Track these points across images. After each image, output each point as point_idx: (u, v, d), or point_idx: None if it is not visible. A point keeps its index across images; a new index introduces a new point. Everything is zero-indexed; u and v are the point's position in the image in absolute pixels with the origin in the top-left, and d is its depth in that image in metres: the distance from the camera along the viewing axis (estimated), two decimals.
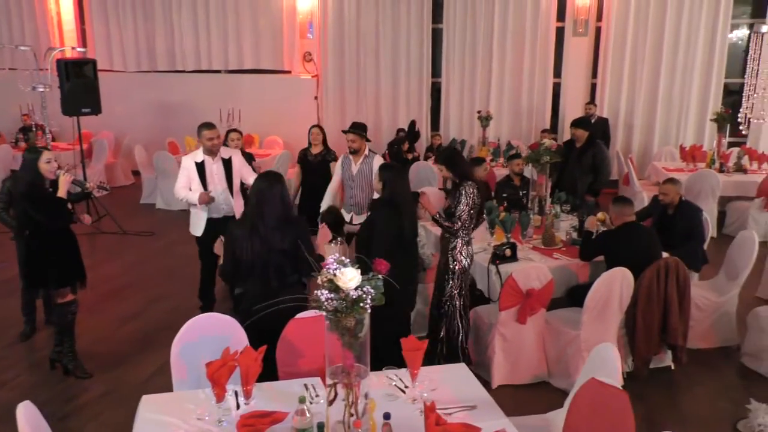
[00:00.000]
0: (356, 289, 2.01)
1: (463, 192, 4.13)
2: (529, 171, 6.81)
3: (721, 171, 8.25)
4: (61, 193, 4.11)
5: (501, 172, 7.80)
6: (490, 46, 10.64)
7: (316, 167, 6.06)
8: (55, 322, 4.48)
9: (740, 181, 7.96)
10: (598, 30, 10.41)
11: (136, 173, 10.47)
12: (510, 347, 4.28)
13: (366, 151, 5.58)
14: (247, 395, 2.61)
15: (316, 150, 6.23)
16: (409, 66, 11.03)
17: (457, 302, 4.27)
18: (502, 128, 10.84)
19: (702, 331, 4.84)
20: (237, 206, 5.24)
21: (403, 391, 2.81)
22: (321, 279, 2.03)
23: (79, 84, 7.66)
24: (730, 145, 9.45)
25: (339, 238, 4.84)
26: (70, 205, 4.27)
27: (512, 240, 4.92)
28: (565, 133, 9.76)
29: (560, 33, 10.56)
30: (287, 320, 3.19)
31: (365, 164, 5.52)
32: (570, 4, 10.37)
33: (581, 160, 6.21)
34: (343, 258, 2.06)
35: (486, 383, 4.32)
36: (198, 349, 2.99)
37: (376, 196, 4.64)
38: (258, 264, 3.31)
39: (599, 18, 10.35)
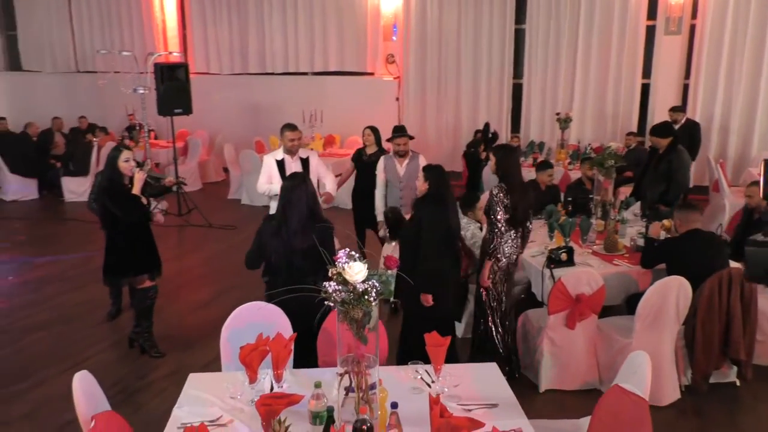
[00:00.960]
0: (363, 282, 2.12)
1: (493, 196, 4.16)
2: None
3: None
4: (135, 189, 4.49)
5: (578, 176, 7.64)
6: (575, 45, 10.38)
7: (370, 168, 6.21)
8: (135, 305, 4.90)
9: None
10: (692, 28, 9.90)
11: (227, 170, 11.10)
12: (559, 352, 4.24)
13: (411, 152, 5.73)
14: (278, 379, 2.78)
15: (370, 150, 6.37)
16: (491, 67, 10.97)
17: (489, 301, 4.28)
18: (585, 130, 10.56)
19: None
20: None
21: (429, 386, 2.89)
22: (331, 272, 2.17)
23: (173, 86, 8.24)
24: None
25: (394, 242, 5.00)
26: (145, 200, 4.65)
27: (570, 244, 4.84)
28: None
29: (650, 31, 10.14)
30: (314, 312, 3.35)
31: (412, 164, 5.64)
32: (662, 2, 9.93)
33: (657, 167, 5.95)
34: (353, 253, 2.18)
35: (534, 387, 4.32)
36: (244, 335, 3.19)
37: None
38: (282, 264, 3.50)
39: (694, 15, 9.84)
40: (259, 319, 3.33)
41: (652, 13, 10.08)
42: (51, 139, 10.58)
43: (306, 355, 3.38)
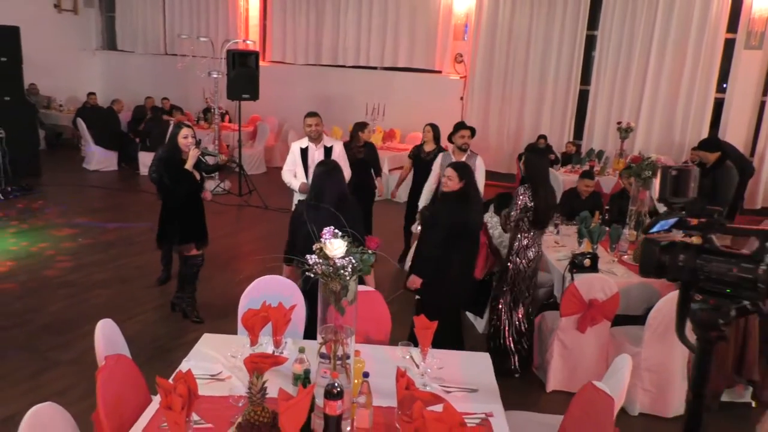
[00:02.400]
0: (342, 258, 2.34)
1: (518, 195, 4.25)
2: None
3: None
4: (188, 165, 4.88)
5: None
6: (647, 54, 10.14)
7: (428, 165, 6.32)
8: (181, 270, 5.33)
9: None
10: None
11: None
12: (569, 354, 4.30)
13: (469, 151, 5.79)
14: (276, 344, 3.05)
15: (428, 148, 6.49)
16: (558, 71, 10.88)
17: (506, 299, 4.39)
18: (651, 142, 10.30)
19: None
20: None
21: (418, 366, 3.08)
22: (315, 246, 2.40)
23: (243, 73, 8.71)
24: None
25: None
26: (198, 176, 5.04)
27: (598, 251, 4.87)
28: None
29: (729, 44, 9.77)
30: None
31: (469, 162, 5.73)
32: (744, 15, 9.54)
33: (702, 182, 5.84)
34: (337, 231, 2.41)
35: (542, 386, 4.41)
36: (258, 304, 3.50)
37: None
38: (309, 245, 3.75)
39: None
40: (273, 292, 3.62)
41: (732, 26, 9.70)
42: (143, 116, 11.37)
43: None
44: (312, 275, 2.39)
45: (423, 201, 5.90)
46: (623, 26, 10.24)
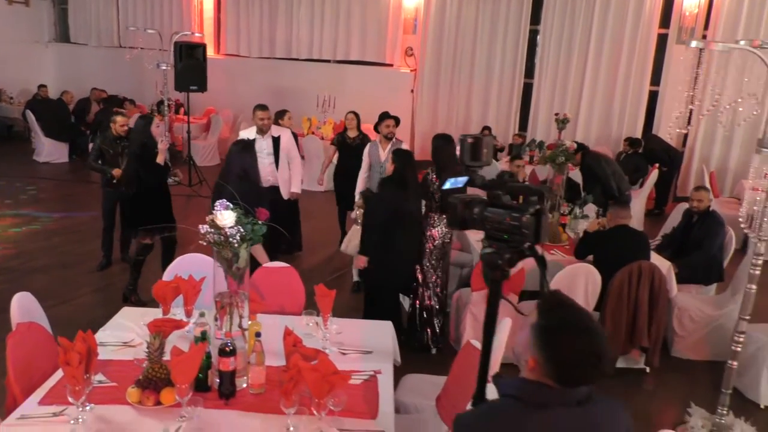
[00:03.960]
0: (231, 228, 2.58)
1: (426, 181, 4.54)
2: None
3: None
4: (160, 159, 5.11)
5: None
6: (587, 49, 10.56)
7: (353, 151, 6.56)
8: (132, 253, 5.50)
9: None
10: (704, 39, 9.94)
11: None
12: (480, 327, 4.59)
13: (394, 139, 6.08)
14: (187, 314, 3.28)
15: (352, 134, 6.76)
16: (503, 65, 11.24)
17: (420, 278, 4.68)
18: (591, 132, 10.74)
19: (693, 342, 4.82)
20: (281, 179, 5.99)
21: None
22: (208, 218, 2.63)
23: (190, 65, 8.85)
24: None
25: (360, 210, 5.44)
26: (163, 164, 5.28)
27: None
28: None
29: (662, 40, 10.23)
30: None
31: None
32: (676, 11, 10.01)
33: (585, 177, 6.61)
34: (229, 204, 2.65)
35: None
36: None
37: None
38: None
39: (706, 26, 9.89)
40: (196, 269, 3.83)
41: (665, 22, 10.17)
42: (88, 108, 11.38)
43: None
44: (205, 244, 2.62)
45: (360, 187, 6.16)
46: (563, 22, 10.64)
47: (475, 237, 5.35)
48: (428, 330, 4.74)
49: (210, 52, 13.62)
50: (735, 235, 5.35)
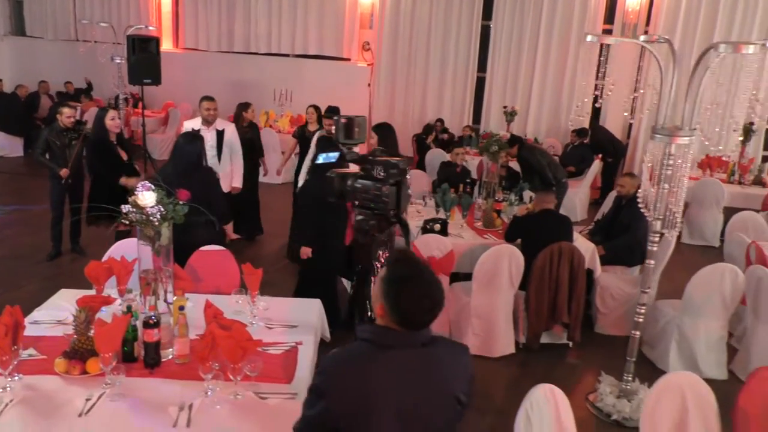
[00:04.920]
0: (152, 208, 2.76)
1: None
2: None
3: (739, 182, 8.15)
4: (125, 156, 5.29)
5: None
6: (536, 44, 10.89)
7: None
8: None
9: (751, 193, 7.82)
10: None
11: None
12: None
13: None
14: (120, 294, 3.44)
15: (312, 128, 6.94)
16: (457, 60, 11.52)
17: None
18: (540, 125, 11.09)
19: (615, 319, 5.13)
20: (223, 172, 6.13)
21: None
22: (131, 199, 2.81)
23: (143, 58, 8.88)
24: None
25: None
26: (126, 156, 5.46)
27: (449, 218, 5.46)
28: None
29: (607, 36, 10.60)
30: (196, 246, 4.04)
31: None
32: (619, 8, 10.39)
33: (522, 168, 6.91)
34: (151, 186, 2.83)
35: None
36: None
37: None
38: None
39: (648, 23, 10.29)
40: (134, 254, 3.99)
41: (610, 19, 10.55)
42: (37, 102, 11.33)
43: None
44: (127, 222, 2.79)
45: (302, 176, 6.33)
46: (514, 18, 10.96)
47: (414, 223, 5.59)
48: (371, 311, 4.94)
49: (168, 46, 13.67)
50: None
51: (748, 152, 8.71)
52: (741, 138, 8.49)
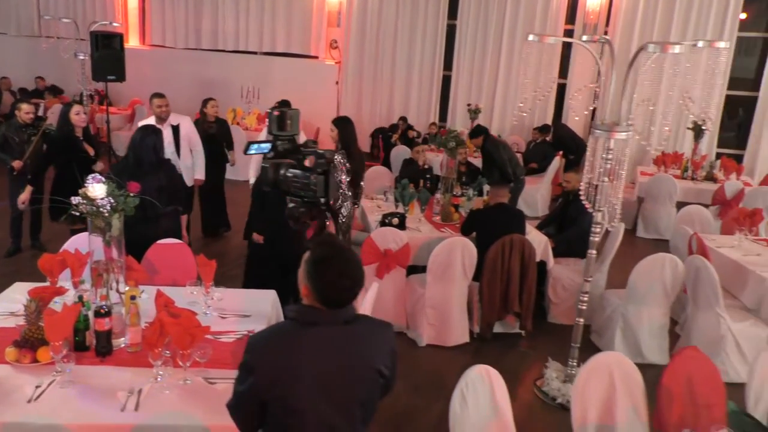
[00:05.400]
0: (102, 199, 2.83)
1: (336, 163, 4.84)
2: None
3: (692, 178, 8.44)
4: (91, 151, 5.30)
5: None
6: (500, 43, 11.08)
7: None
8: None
9: (703, 188, 8.10)
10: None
11: None
12: (370, 299, 4.96)
13: None
14: (75, 285, 3.48)
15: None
16: (423, 58, 11.66)
17: None
18: (505, 123, 11.29)
19: (566, 308, 5.31)
20: (185, 167, 6.17)
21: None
22: (81, 191, 2.87)
23: (107, 54, 8.86)
24: (732, 156, 9.60)
25: None
26: (93, 151, 5.52)
27: (407, 212, 5.58)
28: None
29: (568, 35, 10.83)
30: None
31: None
32: (580, 8, 10.63)
33: (485, 161, 7.07)
34: (102, 178, 2.89)
35: None
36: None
37: None
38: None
39: (608, 23, 10.55)
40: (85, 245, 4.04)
41: (571, 19, 10.79)
42: None
43: None
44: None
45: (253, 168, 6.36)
46: (478, 17, 11.13)
47: (373, 218, 5.71)
48: None
49: (135, 42, 13.58)
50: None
51: (701, 149, 9.00)
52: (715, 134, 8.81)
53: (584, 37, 4.30)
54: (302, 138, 6.32)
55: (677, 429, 2.68)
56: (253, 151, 2.07)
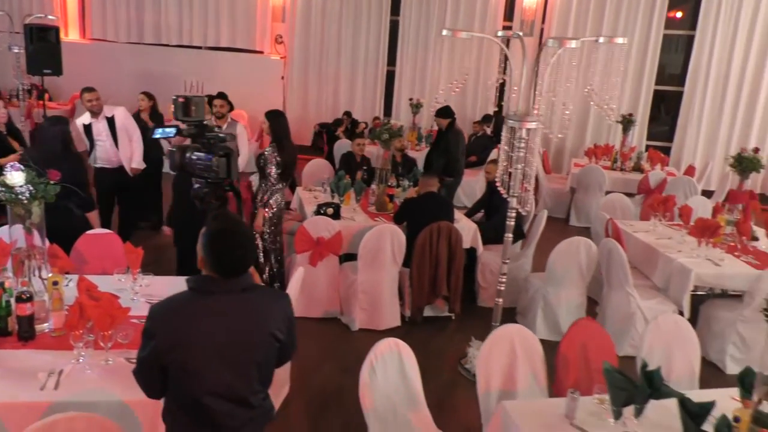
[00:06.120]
0: (21, 187, 2.89)
1: (267, 155, 4.95)
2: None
3: (621, 169, 8.86)
4: None
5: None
6: (442, 39, 11.30)
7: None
8: None
9: (630, 178, 8.51)
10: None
11: None
12: (304, 285, 5.05)
13: (229, 119, 6.45)
14: None
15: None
16: (367, 53, 11.82)
17: (260, 243, 5.11)
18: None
19: (494, 292, 5.44)
20: (124, 157, 6.18)
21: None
22: None
23: (43, 47, 8.69)
24: (659, 149, 10.10)
25: None
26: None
27: (342, 202, 5.74)
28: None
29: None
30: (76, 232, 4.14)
31: (228, 129, 6.40)
32: (518, 5, 10.97)
33: (438, 144, 7.07)
34: (21, 166, 2.95)
35: None
36: None
37: None
38: None
39: (543, 20, 10.93)
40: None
41: (510, 16, 11.12)
42: None
43: None
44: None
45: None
46: (420, 13, 11.36)
47: (310, 209, 5.84)
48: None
49: (75, 36, 13.31)
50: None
51: (630, 142, 9.44)
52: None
53: (499, 33, 4.50)
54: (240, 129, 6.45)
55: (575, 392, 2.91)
56: (158, 135, 2.18)
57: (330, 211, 5.49)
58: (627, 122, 9.00)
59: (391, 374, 2.78)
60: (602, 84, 4.40)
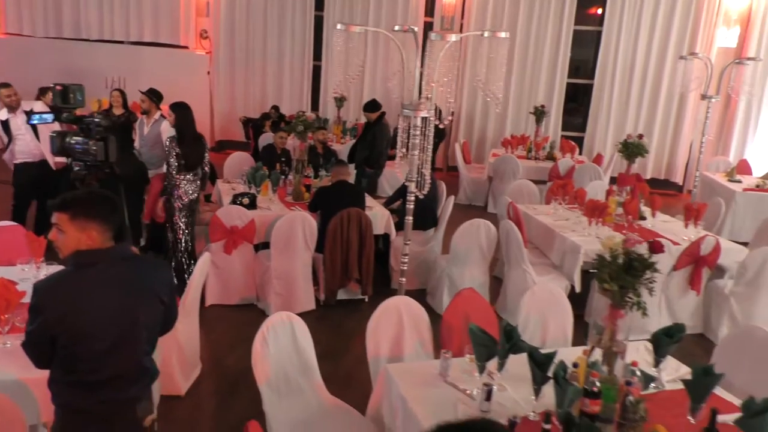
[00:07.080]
0: None
1: (167, 147, 5.05)
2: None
3: (535, 158, 9.32)
4: None
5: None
6: (365, 34, 11.52)
7: (119, 127, 6.85)
8: None
9: (542, 167, 8.99)
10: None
11: None
12: (220, 273, 5.24)
13: (157, 116, 6.48)
14: None
15: (118, 111, 7.07)
16: (293, 48, 11.93)
17: (170, 235, 5.21)
18: None
19: (407, 274, 5.82)
20: (47, 151, 6.12)
21: None
22: None
23: None
24: (574, 138, 10.66)
25: None
26: None
27: (259, 192, 5.89)
28: None
29: (429, 27, 11.51)
30: None
31: (155, 127, 6.44)
32: (438, 1, 11.31)
33: (365, 136, 7.29)
34: None
35: (203, 302, 5.30)
36: None
37: None
38: None
39: (463, 15, 11.31)
40: None
41: (431, 11, 11.46)
42: None
43: None
44: None
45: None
46: (344, 9, 11.55)
47: (227, 200, 5.95)
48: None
49: None
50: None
51: (543, 132, 9.95)
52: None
53: (396, 27, 4.76)
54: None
55: (453, 356, 3.19)
56: (35, 121, 2.31)
57: (246, 201, 5.63)
58: (539, 113, 9.47)
59: (283, 344, 2.98)
60: (488, 75, 4.69)
